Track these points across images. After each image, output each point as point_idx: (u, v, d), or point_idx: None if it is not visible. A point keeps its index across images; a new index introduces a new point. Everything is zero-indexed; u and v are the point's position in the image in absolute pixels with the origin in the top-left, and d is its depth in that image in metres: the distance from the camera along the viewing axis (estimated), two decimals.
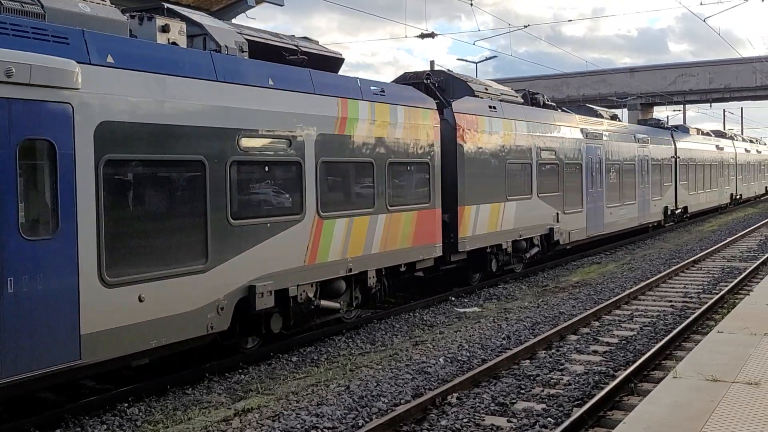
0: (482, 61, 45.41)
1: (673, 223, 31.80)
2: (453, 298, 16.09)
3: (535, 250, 19.31)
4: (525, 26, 30.53)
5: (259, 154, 10.65)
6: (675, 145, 32.06)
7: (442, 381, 9.90)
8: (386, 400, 9.07)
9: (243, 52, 11.10)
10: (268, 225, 10.69)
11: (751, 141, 56.02)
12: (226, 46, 10.83)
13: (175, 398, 9.47)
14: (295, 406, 8.89)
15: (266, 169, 10.81)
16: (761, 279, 15.03)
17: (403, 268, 14.10)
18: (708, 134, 41.63)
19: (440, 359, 10.91)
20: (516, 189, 18.12)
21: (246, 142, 10.38)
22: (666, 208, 30.23)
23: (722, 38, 34.59)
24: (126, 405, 9.09)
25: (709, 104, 67.99)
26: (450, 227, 15.59)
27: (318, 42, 13.94)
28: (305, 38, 13.65)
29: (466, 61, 47.42)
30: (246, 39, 11.35)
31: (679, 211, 32.24)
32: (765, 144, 65.22)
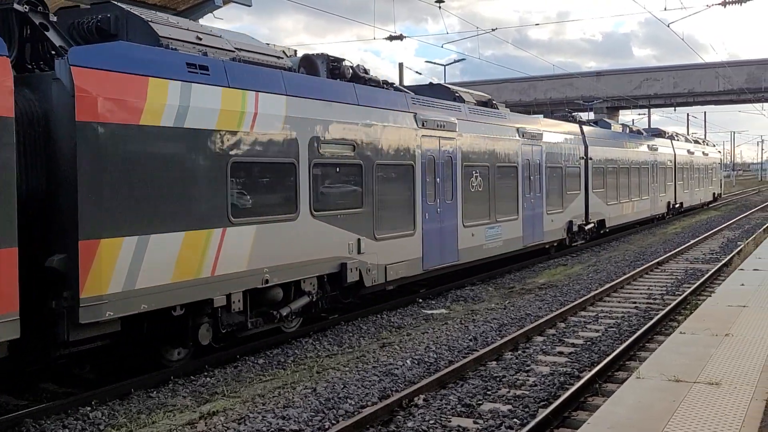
0: (450, 63, 45.45)
1: (584, 241, 25.68)
2: (420, 300, 16.11)
3: (304, 301, 12.27)
4: (493, 29, 30.73)
5: None
6: (586, 144, 25.56)
7: (409, 383, 9.91)
8: (353, 402, 9.06)
9: None
10: None
11: (696, 142, 49.00)
12: None
13: (139, 401, 9.36)
14: (261, 408, 8.84)
15: None
16: (723, 280, 15.28)
17: None
18: (639, 132, 36.07)
19: (407, 361, 10.93)
20: (260, 205, 11.28)
21: None
22: (570, 223, 23.85)
23: (686, 43, 35.06)
24: (89, 409, 8.96)
25: (673, 108, 69.25)
26: (67, 280, 8.69)
27: None
28: None
29: (435, 63, 47.46)
30: None
31: (591, 226, 25.82)
32: (714, 145, 58.20)
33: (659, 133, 40.07)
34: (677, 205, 38.50)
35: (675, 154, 38.21)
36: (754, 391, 6.91)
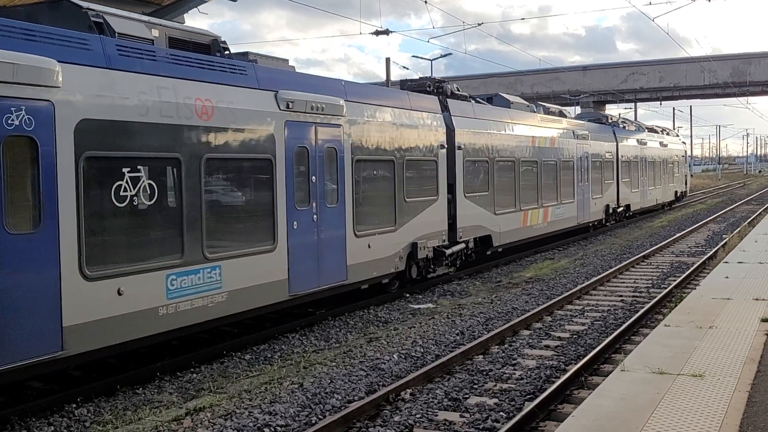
0: (436, 58, 45.55)
1: (453, 269, 17.87)
2: (407, 295, 16.13)
3: None
4: (479, 24, 30.77)
5: None
6: (451, 126, 17.58)
7: (395, 377, 9.93)
8: (340, 397, 9.07)
9: None
10: None
11: (651, 130, 39.47)
12: None
13: (125, 398, 9.33)
14: (248, 404, 8.83)
15: None
16: (708, 273, 15.37)
17: None
18: (561, 114, 26.46)
19: (394, 355, 10.94)
20: None
21: None
22: (414, 246, 15.62)
23: (670, 38, 35.22)
24: (74, 406, 8.92)
25: (659, 102, 69.68)
26: None
27: None
28: None
29: (420, 58, 47.55)
30: None
31: (462, 247, 17.67)
32: (677, 135, 48.91)
33: (597, 119, 33.03)
34: (621, 209, 31.22)
35: (618, 145, 30.98)
36: (737, 383, 6.97)
